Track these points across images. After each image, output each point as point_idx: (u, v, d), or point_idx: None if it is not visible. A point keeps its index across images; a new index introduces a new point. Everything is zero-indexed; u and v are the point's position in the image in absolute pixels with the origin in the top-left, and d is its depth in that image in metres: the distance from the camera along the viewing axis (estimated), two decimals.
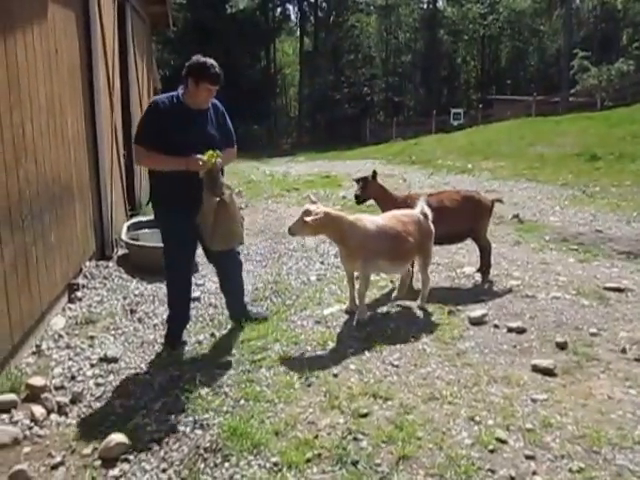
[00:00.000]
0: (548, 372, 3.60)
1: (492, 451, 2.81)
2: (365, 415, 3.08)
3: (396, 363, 3.73)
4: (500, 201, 5.90)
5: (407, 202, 5.14)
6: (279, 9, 48.56)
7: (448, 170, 15.51)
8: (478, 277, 5.55)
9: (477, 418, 3.08)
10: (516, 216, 8.73)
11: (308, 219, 4.04)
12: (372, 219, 4.46)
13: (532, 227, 8.13)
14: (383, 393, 3.30)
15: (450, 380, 3.50)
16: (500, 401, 3.26)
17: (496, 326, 4.37)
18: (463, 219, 5.33)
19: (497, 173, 14.12)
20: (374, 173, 5.42)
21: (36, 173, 4.35)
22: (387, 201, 5.28)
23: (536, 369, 3.64)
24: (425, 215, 4.67)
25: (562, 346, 3.97)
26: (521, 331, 4.26)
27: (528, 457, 2.77)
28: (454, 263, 6.14)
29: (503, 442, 2.88)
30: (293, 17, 51.94)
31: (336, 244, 4.58)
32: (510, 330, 4.28)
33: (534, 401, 3.26)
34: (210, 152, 3.86)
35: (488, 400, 3.27)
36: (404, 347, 3.99)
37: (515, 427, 3.01)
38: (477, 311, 4.57)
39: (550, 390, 3.39)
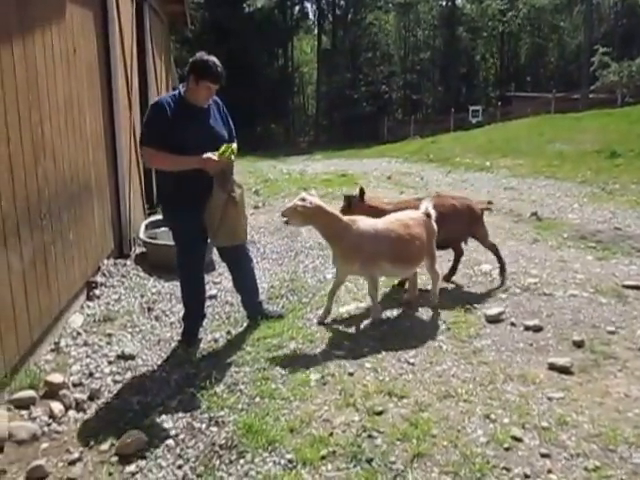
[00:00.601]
0: (565, 370, 3.57)
1: (507, 449, 2.79)
2: (380, 413, 3.07)
3: (412, 361, 3.72)
4: (489, 209, 5.68)
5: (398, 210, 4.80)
6: (297, 7, 48.68)
7: (466, 168, 15.44)
8: (495, 275, 5.50)
9: (492, 416, 3.06)
10: (534, 214, 8.66)
11: (299, 203, 4.03)
12: (370, 222, 4.31)
13: (550, 225, 8.05)
14: (398, 391, 3.29)
15: (466, 378, 3.48)
16: (516, 399, 3.24)
17: (513, 324, 4.34)
18: (457, 226, 5.15)
19: (516, 171, 14.01)
20: (361, 191, 5.07)
21: (55, 172, 4.40)
22: (379, 216, 4.70)
23: (553, 367, 3.61)
24: (429, 215, 4.57)
25: (579, 344, 3.93)
26: (538, 329, 4.22)
27: (543, 455, 2.74)
28: (471, 261, 6.08)
29: (518, 440, 2.85)
30: (311, 15, 52.09)
31: (327, 242, 4.42)
32: (527, 328, 4.24)
33: (550, 399, 3.24)
34: (225, 146, 3.89)
35: (504, 398, 3.24)
36: (420, 345, 3.97)
37: (531, 425, 2.98)
38: (494, 309, 4.54)
39: (566, 388, 3.36)
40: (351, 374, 3.53)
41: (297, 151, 33.13)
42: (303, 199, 4.07)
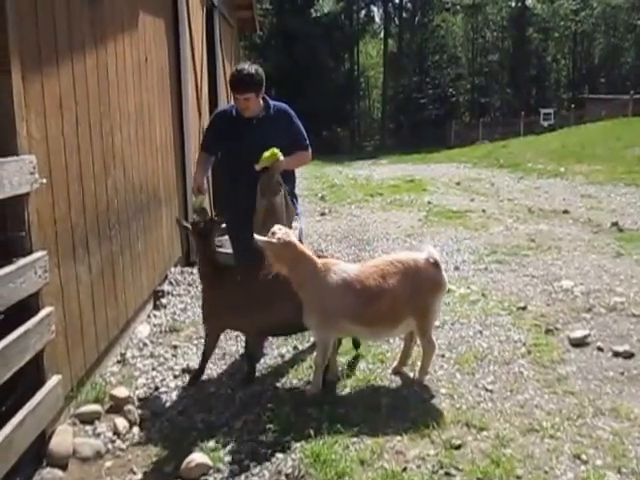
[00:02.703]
0: None
1: None
2: (458, 447, 2.85)
3: (490, 388, 3.46)
4: None
5: None
6: (363, 11, 48.45)
7: (539, 174, 14.80)
8: (578, 292, 5.14)
9: (583, 456, 2.78)
10: (615, 224, 8.12)
11: (273, 240, 3.31)
12: (344, 267, 3.45)
13: (634, 236, 7.51)
14: (477, 422, 3.06)
15: (551, 410, 3.20)
16: (609, 437, 2.94)
17: (600, 349, 4.00)
18: None
19: (592, 177, 13.32)
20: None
21: (124, 182, 4.38)
22: None
23: None
24: (434, 263, 3.45)
25: None
26: (629, 356, 3.86)
27: None
28: (550, 275, 5.73)
29: None
30: (377, 19, 51.81)
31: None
32: (616, 354, 3.89)
33: None
34: (271, 150, 3.79)
35: (595, 435, 2.95)
36: (498, 369, 3.71)
37: (628, 470, 2.68)
38: (578, 331, 4.21)
39: None
40: (424, 400, 3.32)
41: (363, 155, 32.84)
42: (273, 232, 3.38)
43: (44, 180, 2.72)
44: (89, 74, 3.64)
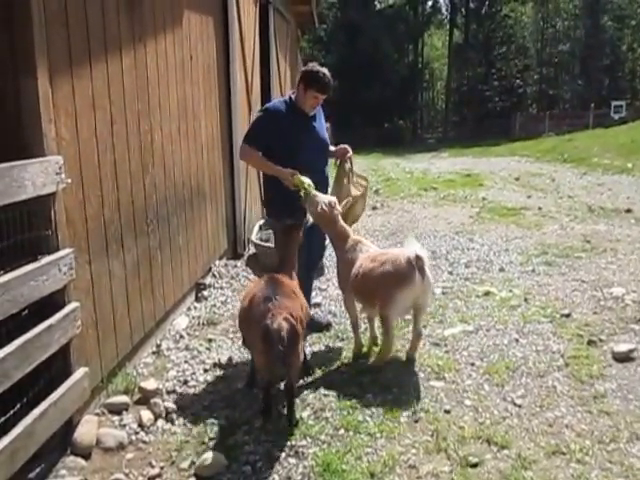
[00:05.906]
0: None
1: None
2: (475, 465, 2.74)
3: (519, 402, 3.33)
4: None
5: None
6: (429, 2, 47.67)
7: (604, 170, 14.18)
8: (629, 300, 4.88)
9: None
10: None
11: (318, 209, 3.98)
12: (365, 248, 4.01)
13: None
14: (499, 439, 2.94)
15: (582, 431, 3.03)
16: None
17: None
18: None
19: None
20: None
21: (164, 178, 4.44)
22: None
23: None
24: (408, 261, 3.60)
25: None
26: None
27: None
28: (601, 280, 5.47)
29: None
30: (443, 10, 50.78)
31: None
32: None
33: None
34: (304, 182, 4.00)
35: (627, 463, 2.76)
36: (530, 382, 3.56)
37: None
38: (623, 344, 3.99)
39: None
40: (447, 411, 3.23)
41: (424, 148, 32.33)
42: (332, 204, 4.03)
43: (69, 180, 2.78)
44: (126, 73, 3.69)
